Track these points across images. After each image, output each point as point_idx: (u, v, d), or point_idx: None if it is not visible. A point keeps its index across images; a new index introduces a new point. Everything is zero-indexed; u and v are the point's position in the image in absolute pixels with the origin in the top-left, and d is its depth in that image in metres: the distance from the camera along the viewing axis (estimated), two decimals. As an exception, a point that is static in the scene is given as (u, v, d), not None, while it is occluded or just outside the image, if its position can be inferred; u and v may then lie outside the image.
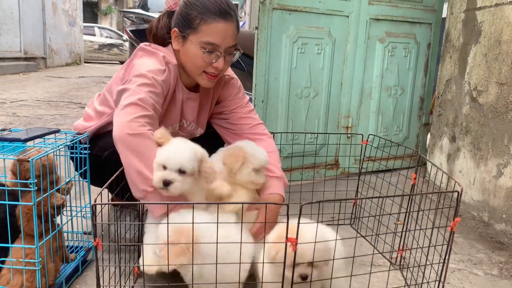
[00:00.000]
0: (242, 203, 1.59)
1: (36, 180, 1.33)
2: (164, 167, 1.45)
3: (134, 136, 1.47)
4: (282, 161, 2.70)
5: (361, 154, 2.20)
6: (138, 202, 1.26)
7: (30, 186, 1.33)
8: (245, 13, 16.94)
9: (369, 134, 2.32)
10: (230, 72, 2.01)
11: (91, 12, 22.63)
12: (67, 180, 1.60)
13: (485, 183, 2.37)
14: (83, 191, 1.77)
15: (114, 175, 1.47)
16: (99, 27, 19.02)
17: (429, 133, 3.41)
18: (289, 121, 2.85)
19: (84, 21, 17.29)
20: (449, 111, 2.82)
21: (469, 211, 2.50)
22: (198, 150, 1.54)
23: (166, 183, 1.43)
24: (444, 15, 3.27)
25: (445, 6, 3.24)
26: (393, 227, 2.15)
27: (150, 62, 1.71)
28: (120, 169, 1.52)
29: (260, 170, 1.70)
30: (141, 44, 1.80)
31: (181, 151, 1.47)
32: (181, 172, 1.45)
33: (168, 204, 1.37)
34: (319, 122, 2.97)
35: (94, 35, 18.26)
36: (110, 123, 1.73)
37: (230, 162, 1.67)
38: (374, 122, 3.17)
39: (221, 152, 1.75)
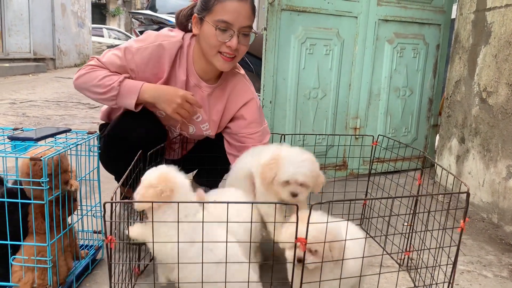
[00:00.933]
0: (248, 202, 1.59)
1: (48, 179, 1.34)
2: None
3: (79, 78, 1.84)
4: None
5: (371, 155, 2.20)
6: (150, 201, 1.26)
7: (42, 185, 1.34)
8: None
9: (379, 135, 2.32)
10: (255, 96, 2.02)
11: (100, 13, 22.78)
12: (79, 178, 1.61)
13: (495, 185, 2.35)
14: (93, 190, 1.78)
15: (127, 171, 1.48)
16: (107, 28, 19.14)
17: (437, 135, 3.40)
18: (297, 121, 2.85)
19: (93, 22, 17.40)
20: (458, 112, 2.80)
21: (478, 213, 2.49)
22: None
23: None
24: (453, 16, 3.26)
25: (454, 6, 3.23)
26: (401, 228, 2.15)
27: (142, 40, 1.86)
28: (132, 163, 1.55)
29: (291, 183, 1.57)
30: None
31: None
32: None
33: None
34: (327, 123, 2.97)
35: (102, 36, 18.40)
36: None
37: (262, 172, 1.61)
38: (383, 123, 3.16)
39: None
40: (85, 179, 1.74)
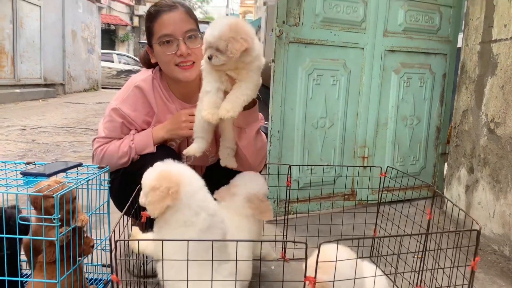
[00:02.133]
0: (254, 241, 1.60)
1: (59, 216, 1.36)
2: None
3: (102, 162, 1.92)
4: (299, 192, 2.71)
5: (379, 187, 2.19)
6: (160, 239, 1.27)
7: (54, 221, 1.35)
8: (259, 39, 17.17)
9: (387, 167, 2.32)
10: None
11: (109, 39, 23.20)
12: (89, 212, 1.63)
13: (506, 217, 2.33)
14: (103, 223, 1.79)
15: (130, 199, 1.49)
16: (117, 54, 19.47)
17: (446, 163, 3.39)
18: (305, 151, 2.86)
19: (102, 48, 17.74)
20: (466, 142, 2.80)
21: (490, 245, 2.46)
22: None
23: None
24: (459, 45, 3.29)
25: (460, 36, 3.26)
26: (412, 260, 2.12)
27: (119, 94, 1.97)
28: (136, 191, 1.55)
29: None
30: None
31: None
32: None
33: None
34: (335, 152, 2.97)
35: (112, 61, 18.73)
36: None
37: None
38: (391, 152, 3.17)
39: None
40: (95, 213, 1.75)
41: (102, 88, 17.71)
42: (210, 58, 1.59)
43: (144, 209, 1.41)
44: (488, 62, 2.58)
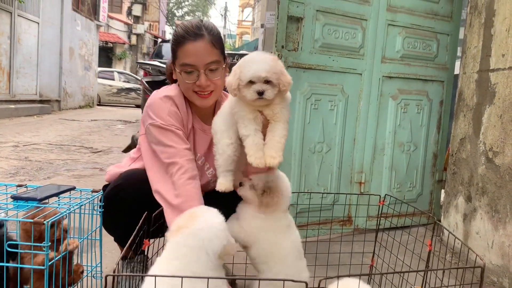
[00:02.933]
0: (251, 279, 1.55)
1: (50, 243, 1.31)
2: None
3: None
4: (296, 218, 2.66)
5: (378, 215, 2.16)
6: (152, 275, 1.22)
7: (44, 249, 1.31)
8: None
9: (386, 195, 2.29)
10: None
11: (106, 56, 23.30)
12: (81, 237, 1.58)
13: (505, 247, 2.30)
14: (95, 246, 1.74)
15: (133, 234, 1.44)
16: (118, 72, 19.60)
17: (443, 190, 3.37)
18: (302, 175, 2.83)
19: (99, 65, 17.80)
20: (464, 170, 2.79)
21: (488, 276, 2.42)
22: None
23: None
24: (456, 72, 3.31)
25: (457, 63, 3.29)
26: (410, 292, 2.08)
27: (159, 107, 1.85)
28: (138, 225, 1.51)
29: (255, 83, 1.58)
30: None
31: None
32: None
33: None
34: (332, 177, 2.95)
35: (113, 79, 18.90)
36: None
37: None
38: (388, 178, 3.14)
39: None
40: (87, 238, 1.70)
41: (103, 105, 17.78)
42: (261, 93, 1.54)
43: (145, 237, 1.38)
44: (486, 91, 2.58)
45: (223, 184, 1.72)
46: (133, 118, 12.16)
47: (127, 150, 4.00)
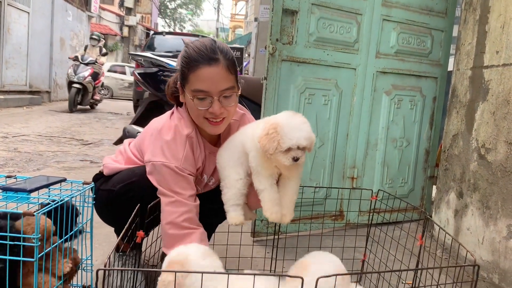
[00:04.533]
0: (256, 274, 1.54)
1: (40, 235, 1.29)
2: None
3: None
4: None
5: (370, 210, 2.16)
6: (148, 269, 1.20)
7: (34, 241, 1.28)
8: (248, 55, 17.29)
9: (379, 190, 2.29)
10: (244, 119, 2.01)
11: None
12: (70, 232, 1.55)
13: (495, 244, 2.31)
14: (85, 241, 1.71)
15: (122, 232, 1.42)
16: (129, 66, 19.64)
17: (434, 186, 3.39)
18: (295, 170, 2.82)
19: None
20: (456, 166, 2.80)
21: (479, 272, 2.43)
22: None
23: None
24: (450, 68, 3.32)
25: (451, 60, 3.29)
26: (401, 286, 2.08)
27: (175, 148, 1.74)
28: (131, 217, 1.49)
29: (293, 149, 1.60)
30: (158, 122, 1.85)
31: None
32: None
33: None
34: (324, 172, 2.94)
35: (125, 73, 19.21)
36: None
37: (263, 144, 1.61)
38: (380, 174, 3.15)
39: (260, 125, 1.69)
40: (79, 230, 1.68)
41: (115, 99, 17.91)
42: (297, 159, 1.59)
43: (138, 230, 1.36)
44: (480, 87, 2.59)
45: (235, 218, 1.74)
46: (124, 111, 12.07)
47: (118, 142, 3.97)
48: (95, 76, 10.72)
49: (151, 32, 23.24)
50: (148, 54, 4.85)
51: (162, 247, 1.72)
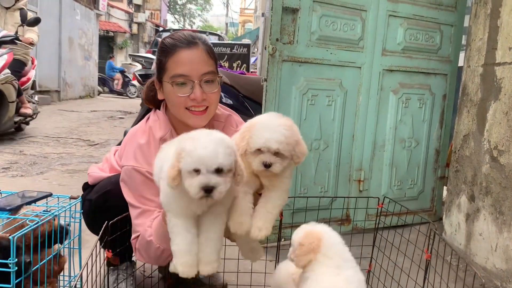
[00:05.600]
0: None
1: (16, 260, 1.21)
2: (196, 170, 1.21)
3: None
4: (291, 216, 2.57)
5: (376, 219, 2.05)
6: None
7: (10, 266, 1.21)
8: (257, 50, 17.14)
9: (384, 197, 2.17)
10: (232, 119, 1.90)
11: (107, 45, 23.09)
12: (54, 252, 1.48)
13: (509, 251, 2.19)
14: (73, 259, 1.64)
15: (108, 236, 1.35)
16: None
17: (445, 187, 3.26)
18: (298, 174, 2.72)
19: (100, 55, 17.63)
20: (467, 168, 2.67)
21: (492, 280, 2.31)
22: (230, 141, 1.31)
23: (209, 190, 1.21)
24: (460, 64, 3.17)
25: (461, 55, 3.15)
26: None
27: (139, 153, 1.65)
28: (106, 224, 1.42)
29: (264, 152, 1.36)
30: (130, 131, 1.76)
31: (214, 148, 1.22)
32: (218, 171, 1.22)
33: None
34: (329, 175, 2.84)
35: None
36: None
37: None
38: (388, 176, 3.03)
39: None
40: (65, 247, 1.61)
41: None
42: (268, 166, 1.34)
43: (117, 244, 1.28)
44: (491, 85, 2.45)
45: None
46: (133, 109, 12.05)
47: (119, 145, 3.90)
48: (18, 67, 5.87)
49: (160, 29, 23.23)
50: (148, 55, 4.78)
51: (138, 259, 1.64)
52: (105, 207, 1.70)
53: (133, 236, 1.60)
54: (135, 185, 1.60)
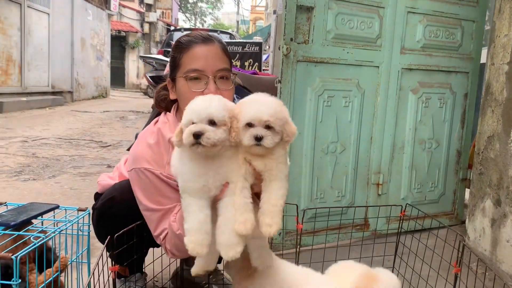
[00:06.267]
0: None
1: (20, 281, 1.14)
2: (193, 123, 1.28)
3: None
4: (308, 223, 2.48)
5: (399, 228, 1.95)
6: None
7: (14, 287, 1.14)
8: (269, 47, 17.02)
9: (407, 204, 2.07)
10: None
11: (119, 45, 23.18)
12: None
13: (540, 260, 2.07)
14: (82, 273, 1.58)
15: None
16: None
17: (467, 189, 3.13)
18: (314, 178, 2.63)
19: (112, 55, 17.69)
20: (492, 171, 2.55)
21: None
22: (229, 103, 1.38)
23: (197, 135, 1.25)
24: (482, 61, 3.04)
25: (483, 52, 3.02)
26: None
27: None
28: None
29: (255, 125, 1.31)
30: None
31: (208, 101, 1.32)
32: (211, 123, 1.28)
33: None
34: (347, 179, 2.73)
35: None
36: None
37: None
38: (407, 178, 2.92)
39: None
40: (74, 261, 1.54)
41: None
42: (259, 138, 1.27)
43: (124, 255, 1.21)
44: (518, 84, 2.33)
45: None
46: (145, 109, 12.05)
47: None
48: None
49: (172, 28, 23.23)
50: (159, 56, 4.71)
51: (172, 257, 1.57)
52: (109, 214, 1.64)
53: (161, 237, 1.54)
54: (151, 187, 1.54)
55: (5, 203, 1.53)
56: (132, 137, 6.83)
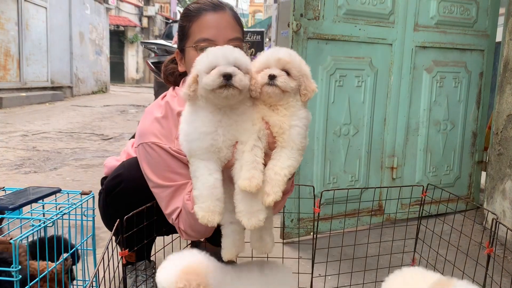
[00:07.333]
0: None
1: (20, 267, 1.04)
2: (213, 68, 1.17)
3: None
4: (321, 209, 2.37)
5: (420, 209, 1.84)
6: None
7: (13, 274, 1.03)
8: (269, 39, 16.87)
9: (428, 184, 1.95)
10: None
11: (118, 40, 23.01)
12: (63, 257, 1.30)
13: None
14: (87, 261, 1.47)
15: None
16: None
17: (483, 172, 3.03)
18: (327, 162, 2.51)
19: (111, 50, 17.54)
20: (512, 151, 2.44)
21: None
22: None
23: (228, 76, 1.14)
24: (498, 39, 2.92)
25: (499, 29, 2.89)
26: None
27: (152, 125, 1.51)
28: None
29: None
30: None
31: (231, 48, 1.23)
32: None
33: None
34: (360, 162, 2.62)
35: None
36: None
37: None
38: (422, 162, 2.81)
39: None
40: (78, 248, 1.43)
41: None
42: (273, 77, 1.21)
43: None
44: (542, 58, 2.21)
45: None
46: (146, 102, 11.93)
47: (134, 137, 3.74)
48: None
49: (170, 21, 23.05)
50: (161, 41, 4.58)
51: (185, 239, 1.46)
52: (117, 192, 1.52)
53: (173, 217, 1.43)
54: (160, 162, 1.43)
55: (3, 188, 1.43)
56: (133, 130, 6.72)
